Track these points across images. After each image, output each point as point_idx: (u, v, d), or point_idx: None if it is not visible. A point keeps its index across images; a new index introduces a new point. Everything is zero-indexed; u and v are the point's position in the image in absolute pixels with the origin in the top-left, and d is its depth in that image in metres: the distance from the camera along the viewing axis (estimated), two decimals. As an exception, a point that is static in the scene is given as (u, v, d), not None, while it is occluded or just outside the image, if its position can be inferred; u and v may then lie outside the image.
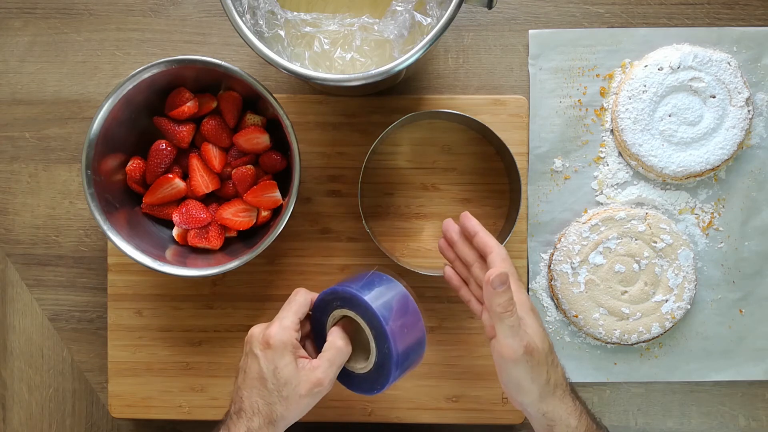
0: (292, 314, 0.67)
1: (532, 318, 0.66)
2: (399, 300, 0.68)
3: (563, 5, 0.84)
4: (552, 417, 0.65)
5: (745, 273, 0.83)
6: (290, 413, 0.65)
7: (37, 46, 0.85)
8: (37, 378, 0.86)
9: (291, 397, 0.64)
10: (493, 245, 0.67)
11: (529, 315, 0.65)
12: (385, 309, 0.66)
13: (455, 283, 0.73)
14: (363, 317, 0.67)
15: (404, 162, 0.83)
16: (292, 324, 0.66)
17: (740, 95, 0.81)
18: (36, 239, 0.85)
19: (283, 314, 0.67)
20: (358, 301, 0.66)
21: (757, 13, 0.84)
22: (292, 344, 0.65)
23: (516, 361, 0.63)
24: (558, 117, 0.83)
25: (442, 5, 0.69)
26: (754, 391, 0.85)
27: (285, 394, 0.64)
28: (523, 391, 0.64)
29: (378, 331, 0.66)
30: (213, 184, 0.78)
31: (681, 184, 0.83)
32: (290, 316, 0.67)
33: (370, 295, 0.66)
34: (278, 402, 0.64)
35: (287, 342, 0.65)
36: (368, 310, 0.66)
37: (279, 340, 0.65)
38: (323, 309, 0.69)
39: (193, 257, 0.77)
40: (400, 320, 0.66)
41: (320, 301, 0.69)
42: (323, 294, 0.69)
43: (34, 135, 0.85)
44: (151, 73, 0.73)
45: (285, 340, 0.65)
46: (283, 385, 0.64)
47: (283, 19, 0.70)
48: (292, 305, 0.68)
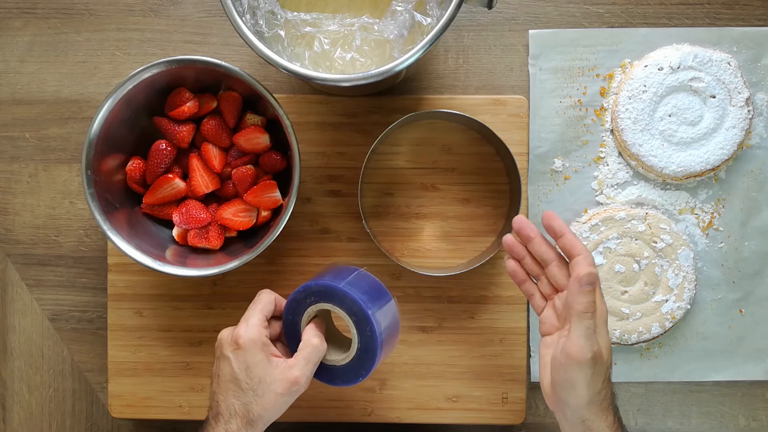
0: (257, 312, 0.67)
1: (605, 330, 0.65)
2: (369, 282, 0.70)
3: (563, 5, 0.84)
4: (590, 426, 0.65)
5: (745, 273, 0.83)
6: (267, 412, 0.65)
7: (37, 46, 0.85)
8: (37, 378, 0.86)
9: (267, 395, 0.64)
10: (581, 248, 0.66)
11: (603, 326, 0.65)
12: (361, 292, 0.67)
13: (521, 277, 0.71)
14: (341, 306, 0.67)
15: (404, 162, 0.83)
16: (259, 321, 0.67)
17: (740, 95, 0.81)
18: (36, 239, 0.86)
19: (249, 313, 0.68)
20: (334, 291, 0.67)
21: (757, 13, 0.84)
22: (261, 341, 0.65)
23: (581, 364, 0.63)
24: (558, 117, 0.83)
25: (442, 5, 0.69)
26: (754, 391, 0.85)
27: (260, 393, 0.64)
28: (576, 394, 0.64)
29: (359, 316, 0.67)
30: (213, 184, 0.78)
31: (681, 184, 0.83)
32: (256, 314, 0.67)
33: (344, 282, 0.67)
34: (254, 401, 0.64)
35: (256, 339, 0.65)
36: (346, 297, 0.66)
37: (248, 339, 0.65)
38: (296, 309, 0.69)
39: (193, 257, 0.77)
40: (376, 301, 0.68)
41: (292, 301, 0.69)
42: (295, 293, 0.69)
43: (34, 135, 0.85)
44: (151, 73, 0.73)
45: (254, 337, 0.65)
46: (258, 383, 0.64)
47: (283, 19, 0.70)
48: (257, 304, 0.68)
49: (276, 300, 0.70)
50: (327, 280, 0.68)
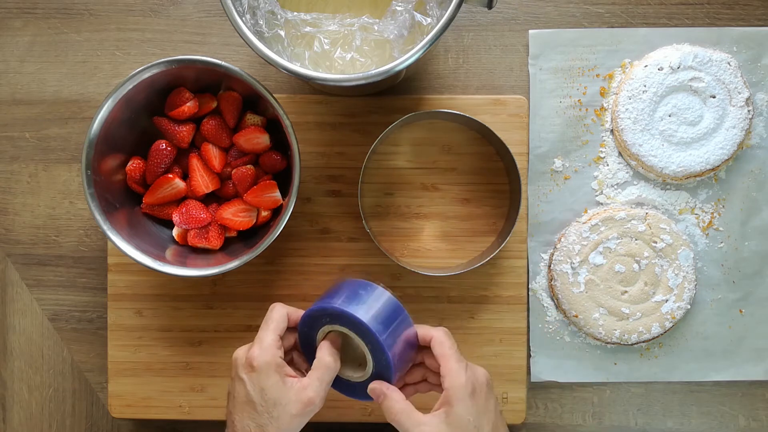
0: (270, 332, 0.66)
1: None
2: (387, 307, 0.68)
3: (563, 5, 0.84)
4: None
5: (745, 273, 0.83)
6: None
7: (37, 46, 0.85)
8: (37, 378, 0.86)
9: (282, 417, 0.64)
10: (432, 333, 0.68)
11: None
12: (376, 321, 0.66)
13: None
14: (356, 332, 0.67)
15: (404, 162, 0.83)
16: (273, 342, 0.66)
17: (740, 95, 0.81)
18: (36, 239, 0.86)
19: (262, 334, 0.67)
20: (349, 318, 0.66)
21: (757, 13, 0.84)
22: (276, 363, 0.65)
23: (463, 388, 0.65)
24: (558, 117, 0.83)
25: (442, 5, 0.69)
26: (754, 391, 0.85)
27: (276, 415, 0.64)
28: None
29: (374, 345, 0.66)
30: (213, 184, 0.78)
31: (681, 184, 0.83)
32: (269, 335, 0.66)
33: (360, 309, 0.66)
34: (269, 423, 0.64)
35: (271, 362, 0.65)
36: (361, 326, 0.66)
37: (263, 362, 0.65)
38: (311, 325, 0.69)
39: (193, 257, 0.77)
40: (391, 327, 0.66)
41: (307, 318, 0.69)
42: (310, 311, 0.68)
43: (34, 135, 0.86)
44: (151, 73, 0.73)
45: (268, 360, 0.65)
46: (273, 406, 0.64)
47: (283, 19, 0.70)
48: (269, 323, 0.67)
49: (289, 313, 0.69)
50: (342, 305, 0.66)
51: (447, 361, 0.65)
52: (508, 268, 0.82)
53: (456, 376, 0.64)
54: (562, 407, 0.85)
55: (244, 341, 0.83)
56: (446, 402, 0.64)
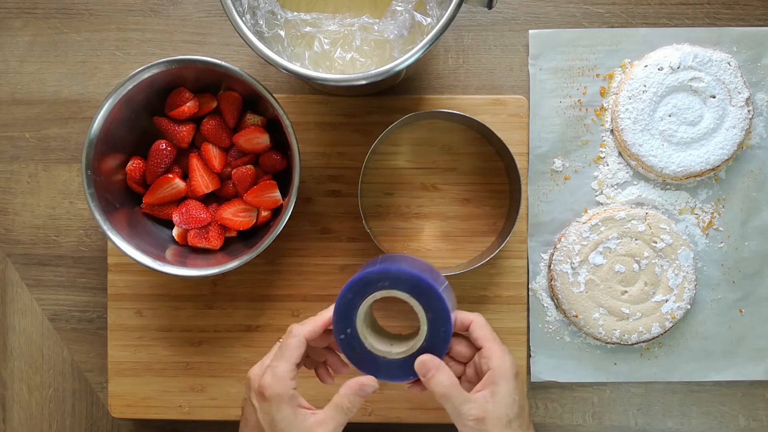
0: (285, 361, 0.63)
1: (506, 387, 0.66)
2: (444, 282, 0.68)
3: (563, 5, 0.84)
4: None
5: (745, 273, 0.83)
6: None
7: (37, 46, 0.85)
8: (37, 378, 0.86)
9: None
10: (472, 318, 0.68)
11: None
12: (446, 295, 0.66)
13: None
14: (420, 300, 0.65)
15: (404, 162, 0.83)
16: (286, 372, 0.63)
17: (740, 95, 0.81)
18: (36, 239, 0.86)
19: (277, 362, 0.64)
20: (422, 286, 0.65)
21: (757, 13, 0.84)
22: (288, 395, 0.62)
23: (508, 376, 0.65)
24: (558, 117, 0.83)
25: (442, 5, 0.69)
26: (754, 391, 0.85)
27: None
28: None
29: (436, 314, 0.65)
30: (213, 184, 0.78)
31: (681, 184, 0.83)
32: (283, 365, 0.63)
33: (432, 280, 0.65)
34: None
35: (282, 394, 0.62)
36: (432, 294, 0.65)
37: (274, 393, 0.62)
38: (361, 291, 0.66)
39: (193, 257, 0.77)
40: (450, 299, 0.67)
41: (360, 281, 0.65)
42: (367, 274, 0.65)
43: (34, 135, 0.85)
44: (151, 73, 0.73)
45: (280, 392, 0.62)
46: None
47: (283, 19, 0.70)
48: (284, 351, 0.64)
49: (308, 336, 0.65)
50: (415, 272, 0.65)
51: (491, 343, 0.66)
52: (508, 268, 0.82)
53: (502, 358, 0.65)
54: (562, 407, 0.85)
55: (244, 341, 0.83)
56: (492, 381, 0.64)
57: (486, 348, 0.66)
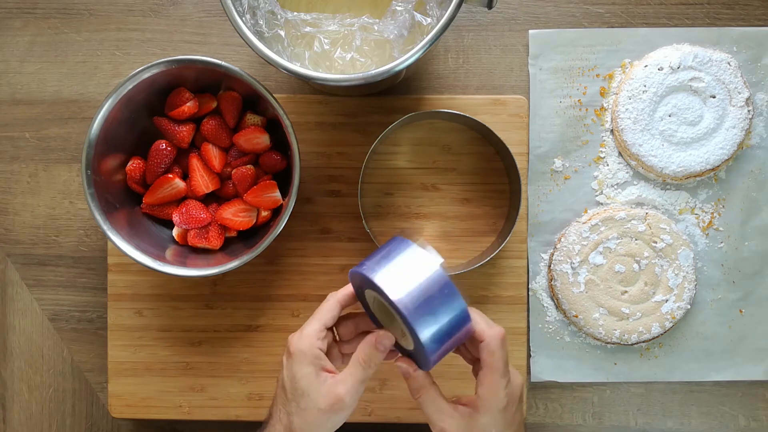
0: (315, 321, 0.64)
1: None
2: (430, 285, 0.61)
3: (563, 5, 0.84)
4: None
5: (745, 273, 0.83)
6: (309, 427, 0.62)
7: (37, 46, 0.85)
8: (37, 378, 0.86)
9: (309, 409, 0.62)
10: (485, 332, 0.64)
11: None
12: (413, 303, 0.60)
13: None
14: (390, 306, 0.62)
15: (404, 162, 0.83)
16: (314, 332, 0.64)
17: (740, 95, 0.81)
18: (36, 239, 0.86)
19: (308, 322, 0.65)
20: (378, 289, 0.61)
21: (757, 13, 0.84)
22: (312, 354, 0.63)
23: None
24: (558, 117, 0.83)
25: (442, 5, 0.69)
26: (754, 391, 0.85)
27: (303, 406, 0.62)
28: None
29: (417, 348, 0.63)
30: (213, 184, 0.78)
31: (681, 184, 0.83)
32: (313, 324, 0.64)
33: (396, 284, 0.60)
34: (296, 413, 0.63)
35: (306, 351, 0.63)
36: (392, 304, 0.60)
37: (297, 349, 0.63)
38: (359, 286, 0.66)
39: (193, 257, 0.77)
40: (425, 306, 0.60)
41: (352, 277, 0.65)
42: (352, 271, 0.64)
43: (34, 135, 0.86)
44: (151, 73, 0.73)
45: (304, 349, 0.63)
46: (300, 396, 0.62)
47: (283, 19, 0.70)
48: (317, 312, 0.65)
49: (341, 301, 0.66)
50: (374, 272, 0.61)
51: (491, 373, 0.63)
52: (508, 268, 0.82)
53: (494, 392, 0.62)
54: (562, 407, 0.85)
55: (244, 341, 0.83)
56: (475, 408, 0.63)
57: (483, 374, 0.63)
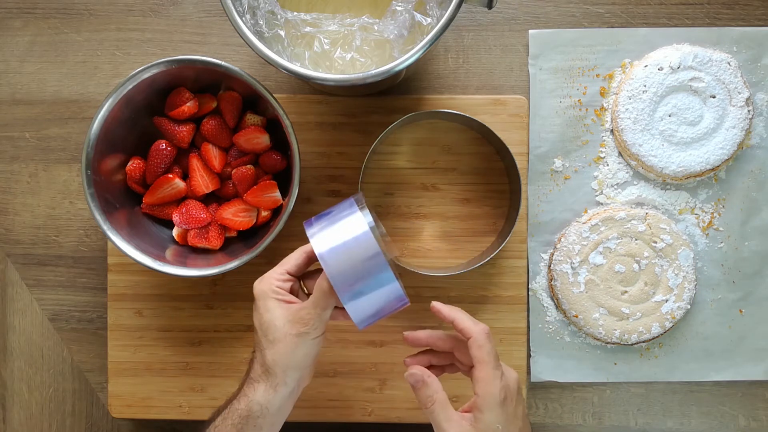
0: (278, 266, 0.68)
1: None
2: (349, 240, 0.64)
3: (563, 5, 0.84)
4: None
5: (745, 273, 0.83)
6: (281, 357, 0.65)
7: (37, 46, 0.85)
8: (37, 378, 0.86)
9: (278, 338, 0.65)
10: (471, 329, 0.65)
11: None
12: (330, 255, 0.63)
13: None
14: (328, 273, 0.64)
15: (404, 162, 0.83)
16: (276, 274, 0.67)
17: (740, 95, 0.81)
18: (36, 239, 0.86)
19: (272, 268, 0.68)
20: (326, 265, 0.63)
21: (757, 13, 0.84)
22: (272, 290, 0.66)
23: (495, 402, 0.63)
24: (558, 117, 0.83)
25: (442, 5, 0.69)
26: (754, 391, 0.85)
27: (271, 338, 0.65)
28: None
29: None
30: (213, 184, 0.78)
31: (681, 184, 0.83)
32: (276, 268, 0.68)
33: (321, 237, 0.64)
34: (267, 347, 0.65)
35: (266, 289, 0.66)
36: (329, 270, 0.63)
37: (259, 290, 0.66)
38: None
39: (193, 257, 0.77)
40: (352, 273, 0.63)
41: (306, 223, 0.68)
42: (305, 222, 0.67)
43: (34, 135, 0.86)
44: (151, 73, 0.73)
45: (264, 288, 0.66)
46: (267, 328, 0.65)
47: (283, 19, 0.70)
48: (284, 260, 0.69)
49: (309, 254, 0.69)
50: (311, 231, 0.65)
51: (483, 367, 0.63)
52: (508, 268, 0.82)
53: (490, 385, 0.63)
54: (562, 407, 0.85)
55: (244, 341, 0.83)
56: (476, 408, 0.63)
57: (477, 370, 0.64)
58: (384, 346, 0.83)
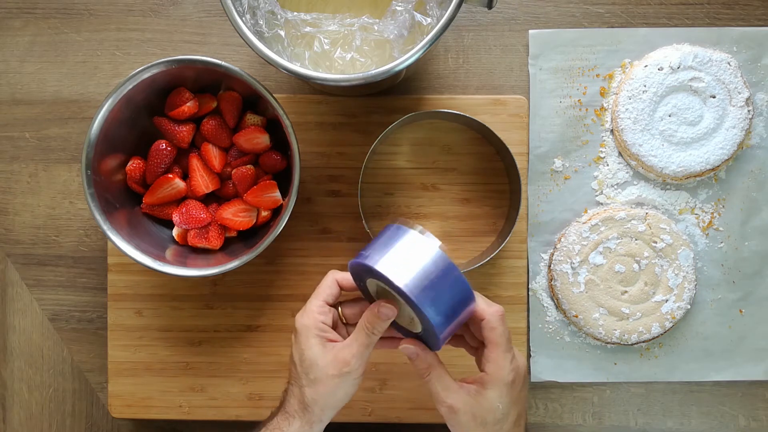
0: (315, 298, 0.68)
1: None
2: (434, 267, 0.61)
3: (563, 5, 0.84)
4: None
5: (745, 273, 0.83)
6: (321, 397, 0.65)
7: (37, 46, 0.85)
8: (37, 378, 0.86)
9: (319, 378, 0.65)
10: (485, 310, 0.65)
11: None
12: (419, 286, 0.60)
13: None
14: (393, 290, 0.62)
15: (404, 162, 0.83)
16: (316, 307, 0.67)
17: (740, 95, 0.81)
18: (36, 239, 0.86)
19: (310, 299, 0.68)
20: (382, 277, 0.62)
21: (757, 13, 0.84)
22: (316, 327, 0.66)
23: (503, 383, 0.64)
24: (558, 117, 0.83)
25: (442, 5, 0.69)
26: (754, 391, 0.85)
27: (312, 377, 0.65)
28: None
29: (426, 328, 0.64)
30: (213, 184, 0.78)
31: (681, 184, 0.83)
32: (314, 300, 0.67)
33: (400, 271, 0.60)
34: (307, 385, 0.65)
35: (310, 325, 0.66)
36: (400, 291, 0.61)
37: (302, 325, 0.66)
38: (359, 276, 0.67)
39: (193, 257, 0.77)
40: (430, 288, 0.61)
41: (351, 269, 0.67)
42: (351, 264, 0.65)
43: (34, 135, 0.86)
44: (151, 73, 0.73)
45: (307, 324, 0.66)
46: (309, 367, 0.65)
47: (283, 19, 0.70)
48: (317, 289, 0.68)
49: (340, 281, 0.69)
50: (374, 261, 0.61)
51: (495, 348, 0.64)
52: (508, 268, 0.82)
53: (500, 367, 0.64)
54: (562, 407, 0.85)
55: (244, 341, 0.83)
56: (482, 383, 0.64)
57: (488, 350, 0.65)
58: (384, 346, 0.83)
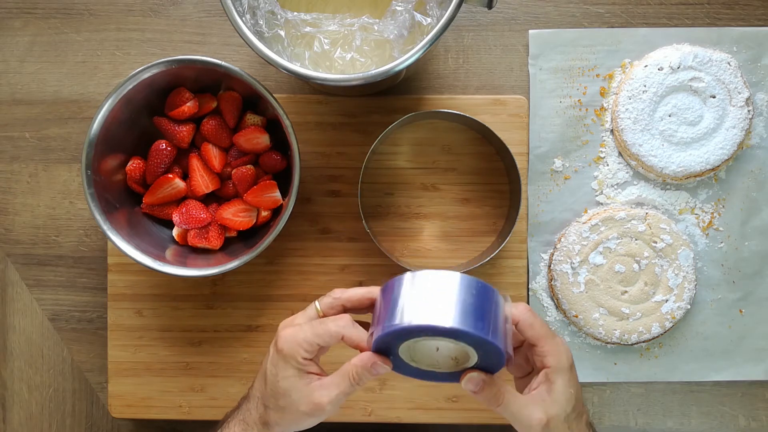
0: (312, 335, 0.61)
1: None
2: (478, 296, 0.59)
3: (563, 5, 0.84)
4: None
5: (745, 273, 0.83)
6: (285, 424, 0.62)
7: (37, 46, 0.85)
8: (37, 378, 0.86)
9: (288, 409, 0.61)
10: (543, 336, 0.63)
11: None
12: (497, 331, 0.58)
13: None
14: (467, 343, 0.58)
15: (404, 162, 0.83)
16: (306, 344, 0.61)
17: (740, 95, 0.81)
18: (36, 239, 0.86)
19: (304, 325, 0.62)
20: (423, 330, 0.57)
21: (757, 13, 0.84)
22: (296, 360, 0.61)
23: None
24: (558, 117, 0.83)
25: (442, 5, 0.69)
26: (754, 391, 0.85)
27: (282, 405, 0.61)
28: None
29: (488, 353, 0.59)
30: (213, 184, 0.78)
31: (681, 184, 0.83)
32: (310, 336, 0.61)
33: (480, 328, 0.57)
34: (273, 409, 0.62)
35: (292, 356, 0.61)
36: (481, 342, 0.57)
37: (287, 349, 0.61)
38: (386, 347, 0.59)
39: (193, 257, 0.77)
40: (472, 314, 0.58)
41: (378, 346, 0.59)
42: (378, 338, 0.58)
43: (34, 135, 0.86)
44: (151, 73, 0.73)
45: (292, 353, 0.61)
46: (281, 395, 0.61)
47: (283, 19, 0.70)
48: (318, 324, 0.61)
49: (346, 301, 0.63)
50: (469, 329, 0.56)
51: (545, 341, 0.62)
52: (508, 268, 0.82)
53: (559, 355, 0.62)
54: (562, 407, 0.85)
55: (244, 341, 0.83)
56: (548, 380, 0.62)
57: (540, 347, 0.62)
58: (384, 346, 0.83)
